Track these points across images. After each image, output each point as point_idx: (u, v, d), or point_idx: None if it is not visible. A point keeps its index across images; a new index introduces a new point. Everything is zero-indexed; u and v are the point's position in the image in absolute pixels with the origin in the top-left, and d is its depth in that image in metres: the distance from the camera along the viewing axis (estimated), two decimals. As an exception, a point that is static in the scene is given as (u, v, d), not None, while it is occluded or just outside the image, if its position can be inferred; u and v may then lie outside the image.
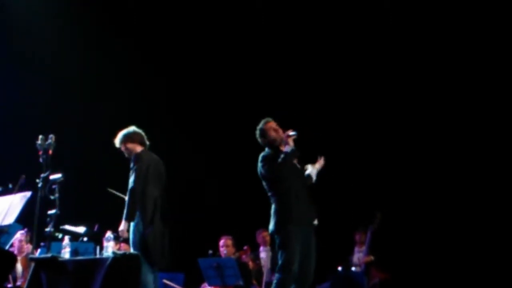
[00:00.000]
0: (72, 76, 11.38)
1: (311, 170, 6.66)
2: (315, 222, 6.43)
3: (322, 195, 7.16)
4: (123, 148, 6.98)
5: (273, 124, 6.62)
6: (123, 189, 6.81)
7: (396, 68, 10.99)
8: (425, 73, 10.89)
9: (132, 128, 7.03)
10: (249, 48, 11.48)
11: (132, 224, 6.65)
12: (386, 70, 11.06)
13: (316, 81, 11.40)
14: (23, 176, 7.08)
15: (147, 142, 7.04)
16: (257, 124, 6.70)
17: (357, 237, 10.00)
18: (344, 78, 11.30)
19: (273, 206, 6.42)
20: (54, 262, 6.37)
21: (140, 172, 6.65)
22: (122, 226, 6.61)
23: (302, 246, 6.25)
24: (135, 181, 6.61)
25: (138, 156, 6.77)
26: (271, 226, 6.40)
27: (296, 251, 6.20)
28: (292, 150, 6.36)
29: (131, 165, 6.74)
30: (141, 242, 6.61)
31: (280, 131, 6.54)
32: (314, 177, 6.68)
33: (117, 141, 7.00)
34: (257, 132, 6.67)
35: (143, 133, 7.04)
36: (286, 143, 6.38)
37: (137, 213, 6.62)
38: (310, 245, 6.35)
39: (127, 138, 6.96)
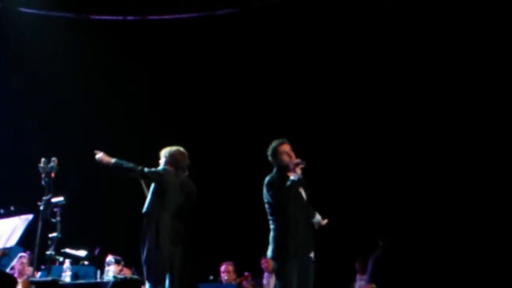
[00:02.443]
0: (74, 99, 11.41)
1: (317, 217, 6.58)
2: (312, 254, 6.30)
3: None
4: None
5: (286, 148, 6.45)
6: (128, 213, 6.80)
7: (402, 87, 11.02)
8: (432, 91, 10.91)
9: (174, 149, 7.02)
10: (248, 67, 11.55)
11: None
12: (390, 90, 11.09)
13: (318, 106, 11.43)
14: (11, 207, 7.06)
15: (184, 168, 7.00)
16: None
17: (357, 264, 9.97)
18: (346, 102, 11.33)
19: (271, 232, 6.31)
20: (55, 286, 6.36)
21: (155, 170, 6.74)
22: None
23: (300, 274, 6.14)
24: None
25: (162, 169, 6.83)
26: (269, 252, 6.30)
27: (292, 280, 6.09)
28: (299, 179, 6.24)
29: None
30: (146, 262, 6.57)
31: (293, 156, 6.41)
32: (315, 221, 6.53)
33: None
34: (269, 151, 6.50)
35: (183, 158, 6.99)
36: (293, 171, 6.27)
37: (147, 232, 6.62)
38: (308, 274, 6.22)
39: (164, 158, 6.98)
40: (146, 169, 6.71)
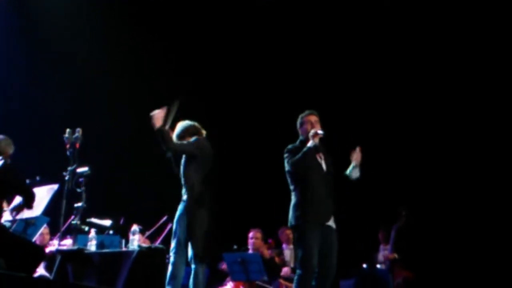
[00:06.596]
0: (99, 69, 11.44)
1: (353, 164, 6.55)
2: (330, 222, 6.32)
3: (349, 193, 7.12)
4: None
5: (313, 118, 6.49)
6: (152, 183, 6.78)
7: (423, 68, 10.97)
8: (455, 71, 10.84)
9: (183, 124, 6.89)
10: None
11: (180, 209, 6.57)
12: (412, 70, 11.04)
13: (344, 78, 11.38)
14: (37, 177, 7.11)
15: (203, 131, 6.89)
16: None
17: (380, 235, 9.99)
18: (372, 76, 11.28)
19: (292, 201, 6.41)
20: (80, 255, 6.45)
21: (190, 144, 6.62)
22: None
23: (321, 243, 6.18)
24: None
25: (196, 140, 6.70)
26: (289, 220, 6.38)
27: (313, 248, 6.14)
28: (314, 145, 6.29)
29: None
30: (187, 230, 6.49)
31: (317, 127, 6.43)
32: (357, 173, 6.52)
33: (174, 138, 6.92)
34: (298, 120, 6.61)
35: (195, 124, 6.88)
36: (312, 139, 6.31)
37: (186, 198, 6.54)
38: (330, 242, 6.26)
39: (179, 137, 6.83)
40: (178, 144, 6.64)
